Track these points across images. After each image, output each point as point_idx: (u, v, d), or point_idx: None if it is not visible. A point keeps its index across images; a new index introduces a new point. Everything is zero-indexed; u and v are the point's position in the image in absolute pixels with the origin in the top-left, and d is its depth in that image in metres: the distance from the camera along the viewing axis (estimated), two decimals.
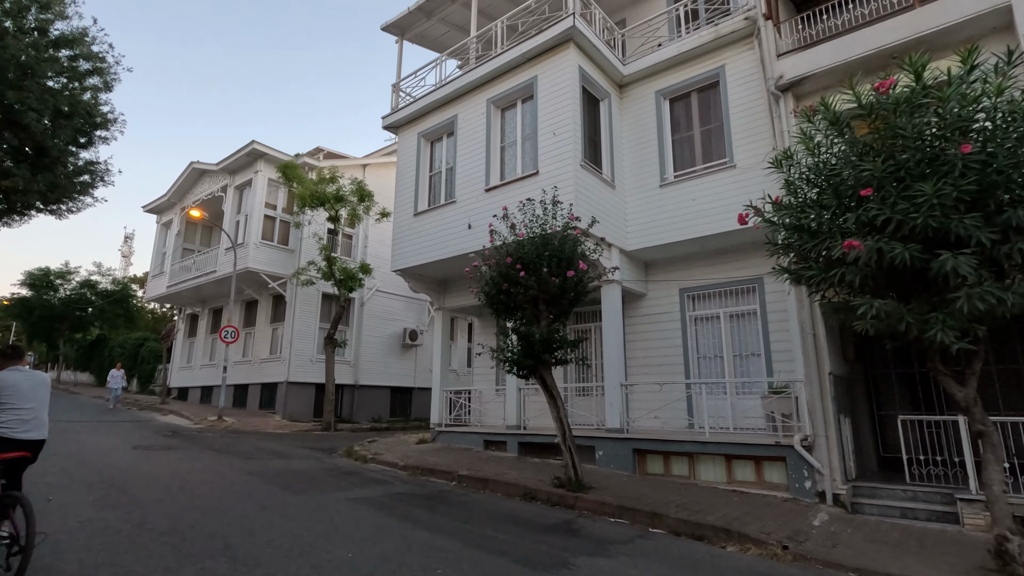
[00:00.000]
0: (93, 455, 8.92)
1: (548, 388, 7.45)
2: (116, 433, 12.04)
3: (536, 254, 6.83)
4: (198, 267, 20.56)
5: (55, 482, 6.69)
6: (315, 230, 17.99)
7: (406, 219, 11.92)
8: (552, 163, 9.38)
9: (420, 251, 11.44)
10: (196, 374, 21.91)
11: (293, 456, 10.19)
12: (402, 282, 21.73)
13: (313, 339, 18.40)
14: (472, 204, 10.59)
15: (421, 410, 21.48)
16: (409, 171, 12.14)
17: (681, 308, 10.20)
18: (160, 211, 23.66)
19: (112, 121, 13.19)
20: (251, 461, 9.30)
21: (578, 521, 6.25)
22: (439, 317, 12.69)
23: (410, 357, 21.43)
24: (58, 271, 30.42)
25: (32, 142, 11.43)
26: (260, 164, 18.14)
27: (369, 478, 8.36)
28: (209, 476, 7.74)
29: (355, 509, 6.24)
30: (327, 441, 13.25)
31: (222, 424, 14.99)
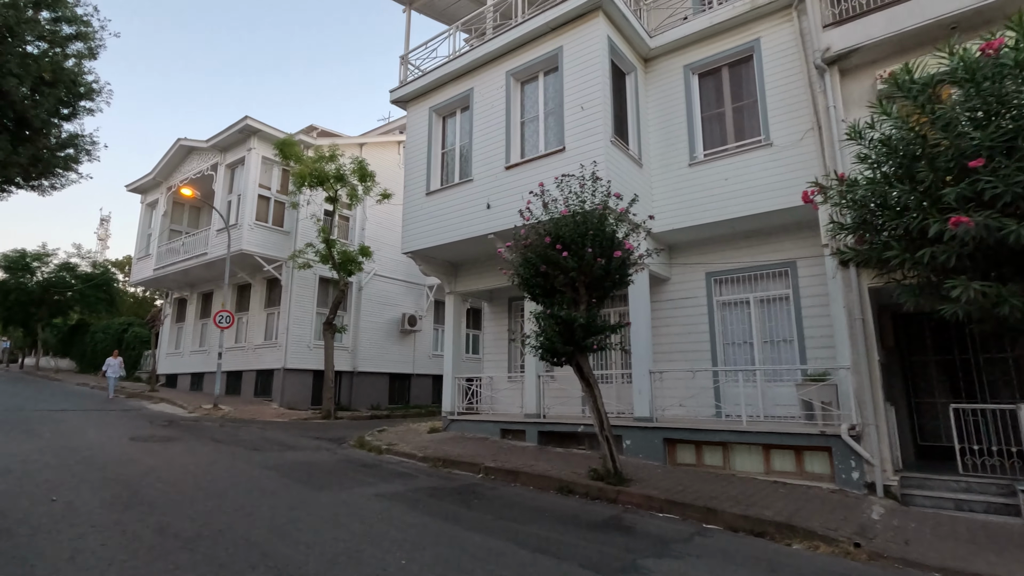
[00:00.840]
0: (90, 448, 8.32)
1: (585, 376, 7.04)
2: (109, 423, 11.40)
3: (579, 233, 6.37)
4: (187, 249, 19.72)
5: (57, 479, 6.12)
6: (312, 211, 17.28)
7: (417, 198, 11.35)
8: (580, 139, 8.88)
9: (433, 232, 10.90)
10: (185, 360, 21.15)
11: (302, 447, 9.69)
12: (401, 266, 21.24)
13: (310, 324, 17.77)
14: (491, 183, 10.06)
15: (420, 397, 21.05)
16: (420, 148, 11.54)
17: (708, 293, 9.85)
18: (145, 191, 22.63)
19: (97, 91, 12.30)
20: (259, 453, 8.78)
21: (626, 517, 5.89)
22: (451, 302, 12.19)
23: (409, 343, 20.92)
24: (35, 253, 29.12)
25: (12, 111, 10.58)
26: (254, 141, 17.30)
27: (390, 471, 7.91)
28: (220, 471, 7.22)
29: (387, 506, 5.79)
30: (331, 430, 12.75)
31: (218, 412, 14.38)
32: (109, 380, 17.72)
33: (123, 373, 18.45)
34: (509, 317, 12.71)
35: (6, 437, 8.77)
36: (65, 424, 10.74)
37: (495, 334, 12.89)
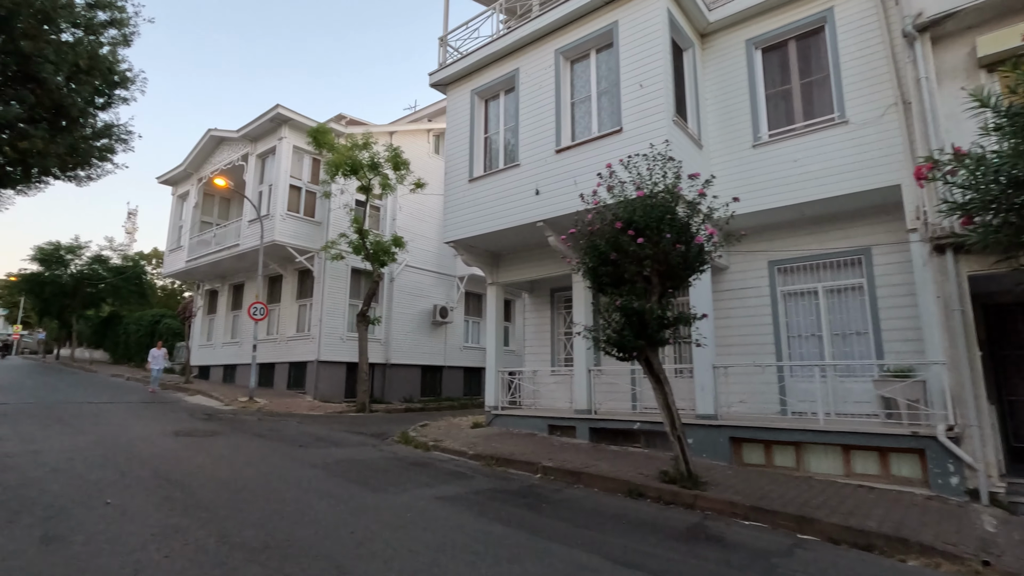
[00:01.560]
0: (136, 444, 8.12)
1: (655, 372, 6.57)
2: (150, 417, 11.26)
3: (654, 217, 5.86)
4: (218, 241, 19.62)
5: (108, 479, 5.86)
6: (345, 201, 17.00)
7: (459, 185, 10.92)
8: (639, 119, 8.34)
9: (476, 220, 10.47)
10: (218, 352, 21.15)
11: (346, 443, 9.39)
12: (432, 257, 20.91)
13: (343, 316, 17.55)
14: (539, 167, 9.58)
15: (452, 389, 20.77)
16: (461, 133, 11.09)
17: (771, 282, 9.27)
18: (175, 182, 22.61)
19: (131, 80, 12.07)
20: (305, 450, 8.50)
21: (710, 525, 5.42)
22: (492, 293, 11.77)
23: (440, 335, 20.61)
24: (68, 246, 29.49)
25: (49, 100, 10.38)
26: (284, 130, 17.03)
27: (443, 470, 7.55)
28: (270, 469, 6.93)
29: (452, 512, 5.41)
30: (369, 424, 12.47)
31: (254, 406, 14.23)
32: (153, 372, 17.21)
33: (167, 364, 18.24)
34: (552, 309, 12.26)
35: (51, 432, 8.63)
36: (107, 418, 10.62)
37: (537, 326, 12.45)
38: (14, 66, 9.65)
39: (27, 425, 9.13)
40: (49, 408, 11.38)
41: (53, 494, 5.22)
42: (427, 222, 20.36)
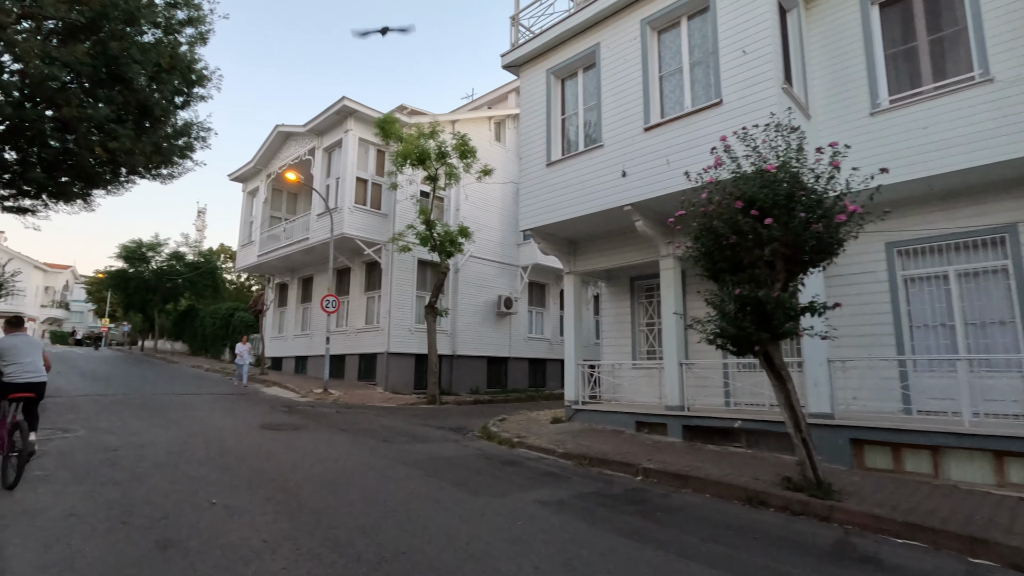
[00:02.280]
0: (228, 437, 8.17)
1: (776, 368, 5.90)
2: (235, 409, 11.48)
3: (785, 194, 5.19)
4: (288, 235, 20.02)
5: (209, 476, 5.80)
6: (411, 192, 16.88)
7: (536, 170, 10.44)
8: (742, 88, 7.58)
9: (556, 206, 9.97)
10: (289, 344, 21.69)
11: (429, 438, 9.18)
12: (495, 247, 20.60)
13: (411, 308, 17.51)
14: (625, 147, 8.96)
15: (517, 381, 20.49)
16: (537, 115, 10.60)
17: (889, 266, 8.31)
18: (245, 179, 23.25)
19: (208, 77, 12.22)
20: (390, 445, 8.33)
21: (857, 543, 4.76)
22: (570, 282, 11.26)
23: (505, 326, 20.32)
24: (149, 243, 31.10)
25: (135, 100, 10.60)
26: (350, 123, 17.05)
27: (534, 469, 7.16)
28: (361, 466, 6.74)
29: (563, 520, 5.00)
30: (444, 417, 12.29)
31: (329, 397, 14.37)
32: (240, 367, 16.90)
33: (253, 360, 17.86)
34: (631, 298, 11.63)
35: (148, 424, 8.83)
36: (195, 409, 10.87)
37: (616, 316, 11.87)
38: (104, 68, 9.85)
39: (126, 417, 9.41)
40: (143, 399, 11.80)
41: (160, 492, 5.16)
42: (490, 212, 20.06)
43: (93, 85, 10.28)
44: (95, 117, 9.71)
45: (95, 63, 9.71)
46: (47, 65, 8.78)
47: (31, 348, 5.84)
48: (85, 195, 12.73)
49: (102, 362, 23.35)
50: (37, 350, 5.92)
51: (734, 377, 9.62)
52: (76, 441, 7.26)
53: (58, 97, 9.56)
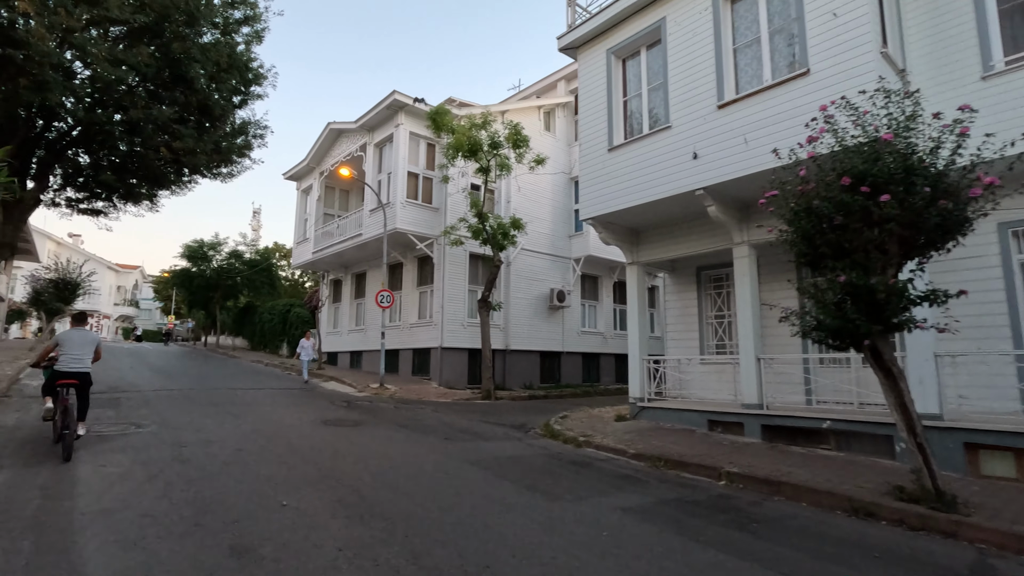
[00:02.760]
0: (291, 434, 8.14)
1: (886, 364, 5.26)
2: (296, 404, 11.57)
3: (903, 167, 4.55)
4: (341, 231, 20.21)
5: (277, 475, 5.68)
6: (462, 185, 16.68)
7: (597, 156, 9.96)
8: (833, 55, 6.87)
9: (619, 193, 9.47)
10: (344, 339, 21.99)
11: (491, 436, 8.91)
12: (546, 239, 20.16)
13: (463, 302, 17.34)
14: (696, 128, 8.37)
15: (570, 375, 20.05)
16: (597, 98, 10.10)
17: (1002, 249, 7.42)
18: (299, 177, 23.67)
19: (264, 76, 12.30)
20: (453, 443, 8.09)
21: (999, 567, 4.13)
22: (633, 273, 10.73)
23: (557, 319, 19.89)
24: (210, 242, 32.31)
25: (196, 100, 10.74)
26: (401, 117, 16.96)
27: (607, 472, 6.75)
28: (428, 466, 6.51)
29: (651, 530, 4.58)
30: (501, 413, 12.02)
31: (385, 392, 14.37)
32: (303, 363, 16.75)
33: (316, 356, 17.60)
34: (698, 289, 11.00)
35: (215, 419, 8.93)
36: (257, 404, 11.00)
37: (681, 309, 11.26)
38: (167, 69, 9.99)
39: (194, 412, 9.57)
40: (208, 394, 12.06)
41: (231, 492, 5.05)
42: (541, 203, 19.64)
43: (157, 87, 10.46)
44: (159, 118, 9.87)
45: (159, 64, 9.85)
46: (114, 68, 8.93)
47: (84, 342, 6.64)
48: (151, 196, 13.10)
49: (170, 358, 24.38)
50: (89, 344, 6.69)
51: (815, 373, 8.89)
52: (148, 436, 7.35)
53: (125, 99, 9.75)
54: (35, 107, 9.12)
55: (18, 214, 10.83)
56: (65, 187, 12.36)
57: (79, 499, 4.69)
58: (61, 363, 6.41)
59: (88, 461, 5.95)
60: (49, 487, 5.00)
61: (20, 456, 6.13)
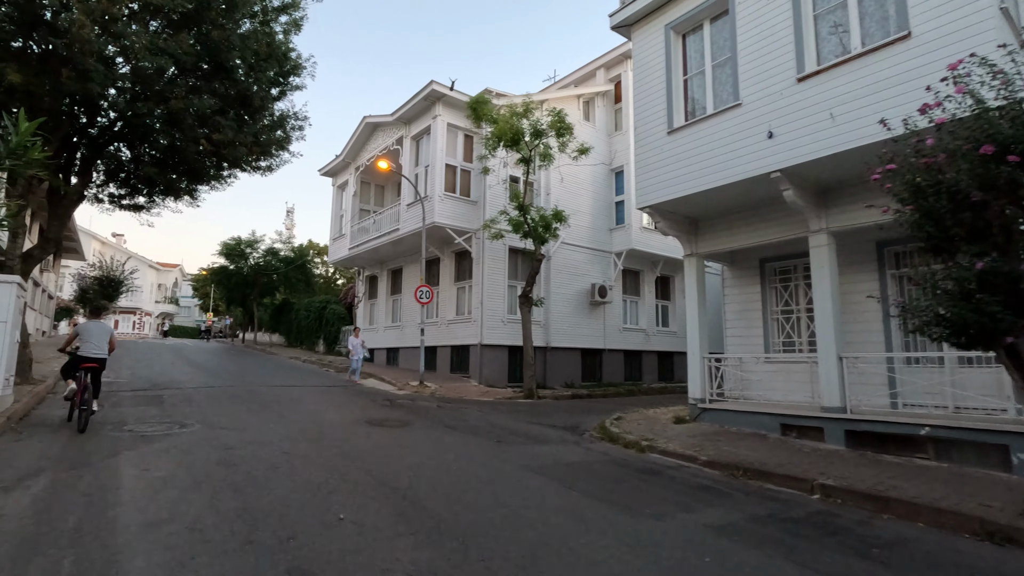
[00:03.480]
0: (337, 434, 7.77)
1: None
2: (337, 402, 11.26)
3: None
4: (377, 227, 19.96)
5: (329, 483, 5.26)
6: (502, 177, 16.17)
7: (654, 140, 9.29)
8: (940, 15, 6.07)
9: (680, 179, 8.79)
10: (380, 336, 21.77)
11: (544, 439, 8.38)
12: (586, 233, 19.46)
13: (502, 298, 16.84)
14: (770, 104, 7.65)
15: (612, 374, 19.36)
16: (654, 78, 9.43)
17: None
18: (335, 173, 23.54)
19: (303, 66, 11.96)
20: (507, 446, 7.59)
21: None
22: (691, 265, 10.04)
23: (598, 316, 19.23)
24: (247, 240, 32.64)
25: (236, 90, 10.46)
26: (439, 108, 16.54)
27: (681, 481, 6.14)
28: (487, 473, 6.02)
29: (755, 557, 3.97)
30: (549, 414, 11.48)
31: (426, 390, 13.98)
32: (353, 361, 15.83)
33: (367, 354, 16.15)
34: (762, 283, 10.23)
35: (259, 419, 8.63)
36: (300, 402, 10.71)
37: (742, 304, 10.52)
38: (207, 58, 9.72)
39: (237, 410, 9.31)
40: (250, 392, 11.85)
41: (283, 502, 4.63)
42: (581, 195, 18.97)
43: (196, 77, 10.22)
44: (200, 108, 9.60)
45: (198, 54, 9.58)
46: (155, 57, 8.67)
47: (101, 332, 7.67)
48: (191, 191, 12.94)
49: (209, 354, 24.60)
50: (105, 335, 7.73)
51: (901, 373, 8.07)
52: (192, 437, 7.05)
53: (166, 90, 9.50)
54: (77, 99, 8.94)
55: (63, 210, 10.77)
56: (108, 183, 12.29)
57: (123, 508, 4.34)
58: (83, 349, 7.45)
59: (134, 464, 5.64)
60: (93, 493, 4.67)
61: (66, 456, 5.87)
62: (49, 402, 9.43)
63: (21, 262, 10.04)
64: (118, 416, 8.34)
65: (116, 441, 6.67)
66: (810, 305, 9.56)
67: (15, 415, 7.51)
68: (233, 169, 12.57)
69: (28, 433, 6.91)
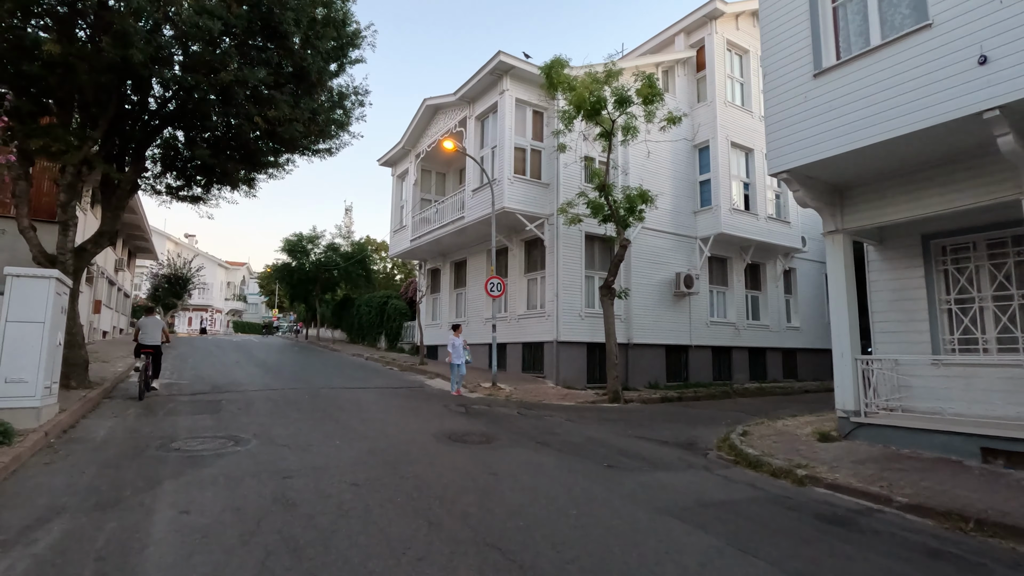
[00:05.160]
0: (414, 457, 6.45)
1: None
2: (408, 409, 10.02)
3: None
4: (440, 216, 18.79)
5: (416, 539, 3.86)
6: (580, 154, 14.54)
7: (794, 87, 7.42)
8: None
9: (834, 133, 6.90)
10: (444, 332, 20.57)
11: (661, 461, 6.75)
12: (667, 216, 17.45)
13: (579, 290, 15.24)
14: (980, 19, 5.65)
15: (699, 373, 17.38)
16: (793, 5, 7.53)
17: None
18: (394, 162, 22.58)
19: (362, 35, 10.73)
20: (619, 473, 6.04)
21: None
22: (836, 243, 8.08)
23: (683, 308, 17.30)
24: (309, 236, 32.44)
25: (291, 61, 9.31)
26: (506, 82, 15.06)
27: (890, 538, 4.38)
28: (603, 514, 4.50)
29: None
30: (648, 423, 9.82)
31: (500, 393, 12.61)
32: (454, 368, 12.03)
33: (469, 357, 12.10)
34: (927, 265, 8.15)
35: (322, 433, 7.44)
36: (366, 410, 9.53)
37: (896, 292, 8.47)
38: (259, 23, 8.60)
39: (298, 421, 8.21)
40: (312, 395, 10.84)
41: (358, 568, 3.27)
42: (660, 175, 17.05)
43: (248, 46, 9.14)
44: (251, 79, 8.48)
45: (249, 16, 8.47)
46: (201, 18, 7.58)
47: (153, 326, 10.34)
48: (249, 180, 12.06)
49: (273, 351, 24.32)
50: (157, 327, 10.37)
51: None
52: (246, 459, 5.90)
53: (215, 61, 8.44)
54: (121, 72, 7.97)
55: (116, 200, 10.05)
56: (165, 173, 11.53)
57: None
58: (141, 338, 10.19)
59: (172, 502, 4.46)
60: (110, 556, 3.47)
61: (96, 487, 4.79)
62: (103, 408, 8.64)
63: (74, 257, 9.33)
64: (170, 428, 7.35)
65: (160, 464, 5.59)
66: (999, 292, 7.46)
67: (56, 428, 6.61)
68: (290, 153, 11.55)
69: (65, 452, 5.94)
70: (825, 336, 22.24)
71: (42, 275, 6.44)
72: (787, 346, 20.05)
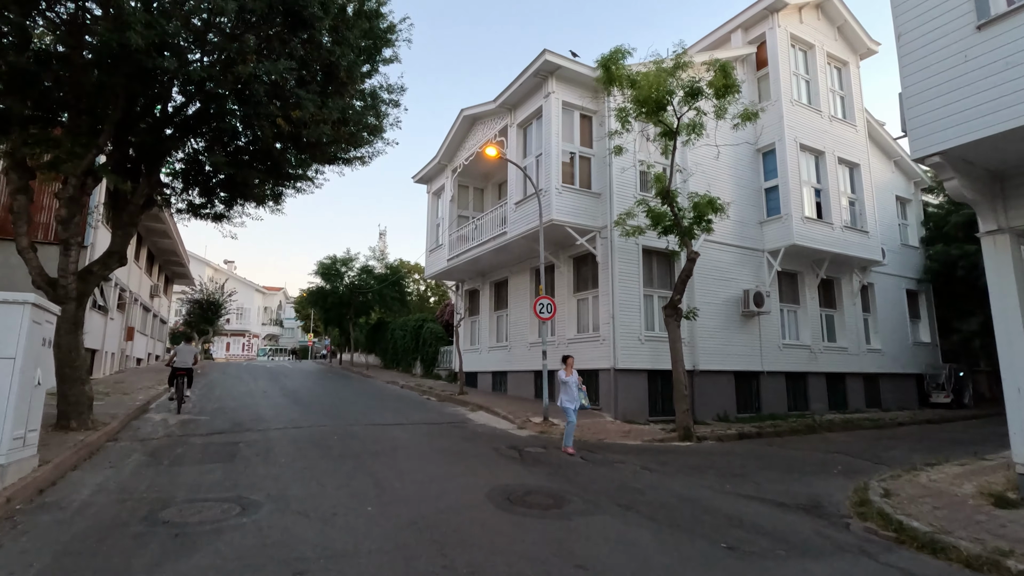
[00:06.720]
0: (468, 538, 4.93)
1: None
2: (453, 455, 8.51)
3: None
4: (479, 233, 17.47)
5: None
6: (641, 157, 13.06)
7: (952, 43, 5.79)
8: None
9: (1013, 100, 5.21)
10: (484, 358, 19.18)
11: (794, 539, 5.03)
12: (731, 228, 15.62)
13: (638, 310, 13.58)
14: None
15: (772, 403, 15.36)
16: None
17: None
18: (429, 179, 21.52)
19: (396, 28, 9.59)
20: (745, 560, 4.39)
21: None
22: (996, 244, 6.28)
23: (752, 330, 15.41)
24: (342, 259, 31.68)
25: (317, 56, 8.16)
26: (552, 84, 13.77)
27: None
28: None
29: None
30: (737, 470, 8.05)
31: (553, 430, 11.02)
32: (567, 411, 9.09)
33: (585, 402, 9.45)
34: None
35: (349, 493, 5.99)
36: (405, 457, 8.06)
37: None
38: (280, 7, 7.47)
39: (322, 476, 6.79)
40: (343, 436, 9.47)
41: None
42: (722, 181, 15.36)
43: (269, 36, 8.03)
44: (275, 71, 7.32)
45: (271, 2, 7.35)
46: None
47: (187, 352, 12.38)
48: (276, 194, 10.98)
49: (305, 378, 23.27)
50: (190, 353, 12.43)
51: None
52: (251, 537, 4.49)
53: (231, 51, 7.32)
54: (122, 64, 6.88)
55: (127, 217, 9.04)
56: (186, 190, 10.52)
57: None
58: (176, 363, 12.01)
59: None
60: None
61: None
62: (101, 455, 7.41)
63: (78, 280, 8.28)
64: (167, 486, 6.03)
65: (137, 548, 4.22)
66: None
67: (28, 489, 5.35)
68: (319, 163, 10.41)
69: (25, 527, 4.64)
70: (910, 360, 19.98)
71: (12, 300, 5.24)
72: (868, 371, 17.83)
